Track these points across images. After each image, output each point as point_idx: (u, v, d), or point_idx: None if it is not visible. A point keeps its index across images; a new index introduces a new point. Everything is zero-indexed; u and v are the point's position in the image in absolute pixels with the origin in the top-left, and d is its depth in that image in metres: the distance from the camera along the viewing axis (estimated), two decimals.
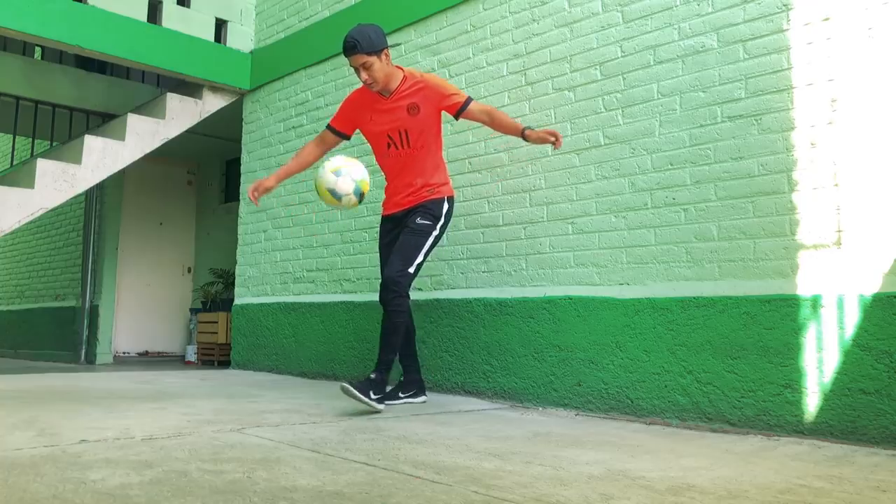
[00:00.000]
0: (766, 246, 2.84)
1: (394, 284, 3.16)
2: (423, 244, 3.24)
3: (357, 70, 3.21)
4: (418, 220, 3.27)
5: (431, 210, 3.31)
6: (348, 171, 3.13)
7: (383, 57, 3.21)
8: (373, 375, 3.09)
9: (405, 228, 3.29)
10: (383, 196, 3.55)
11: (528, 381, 3.55)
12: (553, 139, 3.19)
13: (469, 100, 3.33)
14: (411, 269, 3.20)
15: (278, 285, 5.36)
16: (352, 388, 2.96)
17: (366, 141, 3.62)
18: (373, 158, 3.62)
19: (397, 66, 3.35)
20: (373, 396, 3.02)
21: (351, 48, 3.16)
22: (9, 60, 5.83)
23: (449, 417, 3.09)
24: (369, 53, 3.16)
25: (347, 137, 3.54)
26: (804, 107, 2.79)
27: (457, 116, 3.34)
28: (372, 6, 4.80)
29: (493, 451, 2.29)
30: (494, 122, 3.36)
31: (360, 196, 3.18)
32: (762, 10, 2.95)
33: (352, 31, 3.20)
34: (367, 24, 3.25)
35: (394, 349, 3.21)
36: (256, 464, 1.98)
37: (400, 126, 3.30)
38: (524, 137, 3.28)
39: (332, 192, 3.11)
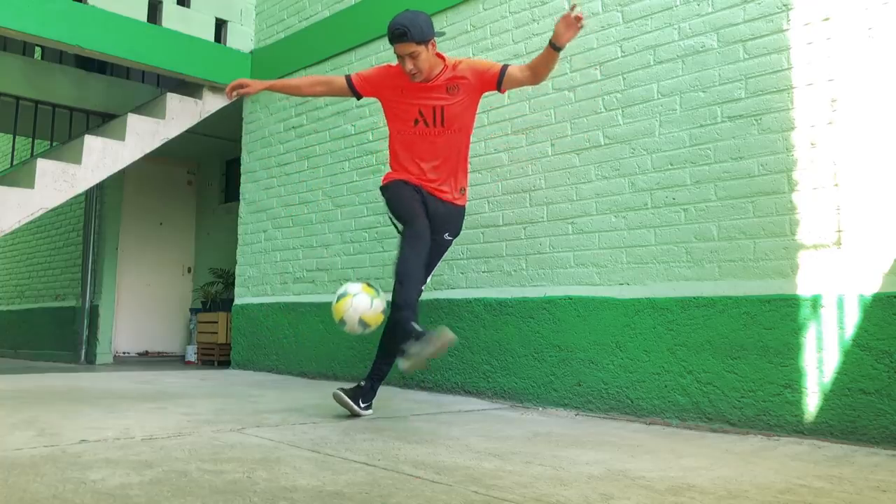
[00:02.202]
0: (766, 246, 2.84)
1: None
2: (439, 262, 3.25)
3: (402, 58, 2.97)
4: (447, 237, 3.17)
5: (459, 225, 3.25)
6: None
7: (430, 47, 2.97)
8: (363, 383, 3.07)
9: (435, 236, 3.07)
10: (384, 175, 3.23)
11: (528, 381, 3.55)
12: (572, 16, 2.79)
13: (505, 66, 3.08)
14: (423, 287, 3.15)
15: (278, 285, 5.36)
16: (343, 396, 2.98)
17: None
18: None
19: (438, 54, 3.11)
20: (361, 405, 3.02)
21: (400, 36, 2.90)
22: (9, 60, 5.83)
23: (449, 417, 3.09)
24: (419, 43, 2.91)
25: (358, 97, 3.24)
26: (804, 107, 2.80)
27: (500, 88, 3.09)
28: (372, 6, 4.80)
29: (493, 451, 2.29)
30: (538, 73, 3.04)
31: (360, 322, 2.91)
32: (762, 10, 2.95)
33: (400, 17, 2.94)
34: (415, 11, 2.99)
35: (391, 362, 3.13)
36: (256, 464, 1.98)
37: (436, 104, 3.04)
38: (557, 48, 2.90)
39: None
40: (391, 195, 3.09)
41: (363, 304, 2.85)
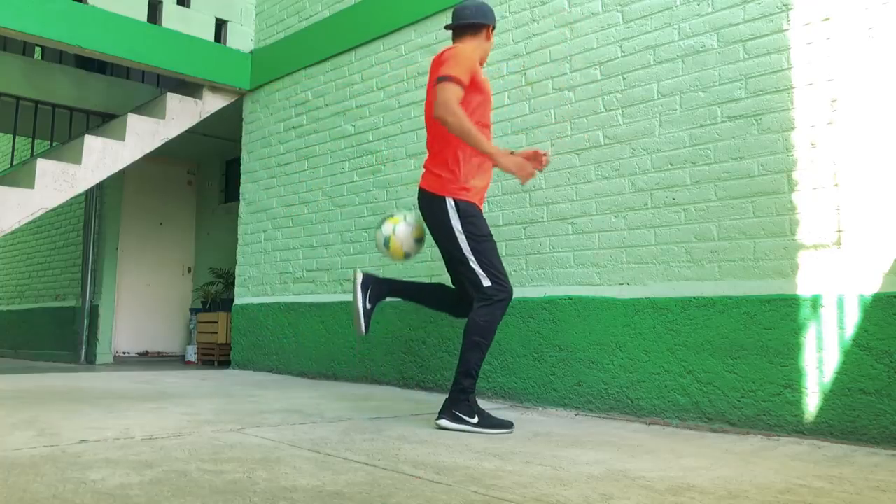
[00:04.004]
0: (766, 246, 2.84)
1: None
2: None
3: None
4: None
5: None
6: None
7: None
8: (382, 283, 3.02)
9: None
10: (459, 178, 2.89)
11: (528, 381, 3.55)
12: (544, 159, 3.00)
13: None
14: None
15: (278, 285, 5.36)
16: (358, 280, 2.93)
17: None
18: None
19: None
20: (368, 304, 2.93)
21: None
22: (9, 60, 5.83)
23: None
24: None
25: None
26: (804, 107, 2.80)
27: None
28: (372, 6, 4.80)
29: (493, 451, 2.29)
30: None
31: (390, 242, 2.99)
32: (762, 10, 2.95)
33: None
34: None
35: (409, 298, 3.18)
36: (256, 464, 1.98)
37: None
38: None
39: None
40: (484, 239, 2.82)
41: (405, 230, 2.96)
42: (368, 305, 2.95)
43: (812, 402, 2.64)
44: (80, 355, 7.19)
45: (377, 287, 2.98)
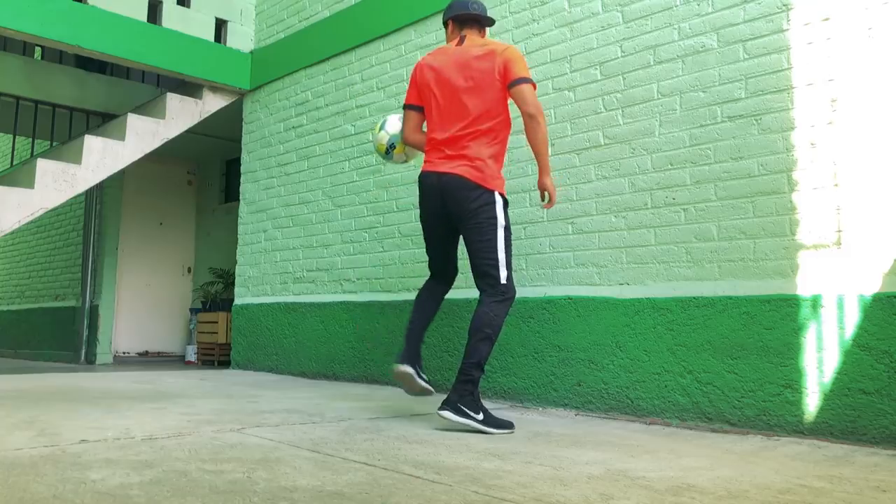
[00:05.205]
0: (766, 246, 2.84)
1: None
2: None
3: None
4: None
5: None
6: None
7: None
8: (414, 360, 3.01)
9: None
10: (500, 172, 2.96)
11: (528, 381, 3.55)
12: None
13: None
14: None
15: (278, 285, 5.36)
16: (410, 373, 2.91)
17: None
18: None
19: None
20: (424, 376, 2.96)
21: None
22: (9, 60, 5.83)
23: None
24: None
25: None
26: (804, 107, 2.80)
27: None
28: (372, 6, 4.80)
29: (493, 451, 2.29)
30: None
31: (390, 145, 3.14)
32: (762, 10, 2.95)
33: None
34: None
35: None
36: (256, 464, 1.98)
37: None
38: None
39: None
40: (511, 235, 2.88)
41: (410, 150, 3.14)
42: (425, 377, 2.96)
43: (812, 402, 2.64)
44: (80, 355, 7.18)
45: (413, 357, 2.96)
